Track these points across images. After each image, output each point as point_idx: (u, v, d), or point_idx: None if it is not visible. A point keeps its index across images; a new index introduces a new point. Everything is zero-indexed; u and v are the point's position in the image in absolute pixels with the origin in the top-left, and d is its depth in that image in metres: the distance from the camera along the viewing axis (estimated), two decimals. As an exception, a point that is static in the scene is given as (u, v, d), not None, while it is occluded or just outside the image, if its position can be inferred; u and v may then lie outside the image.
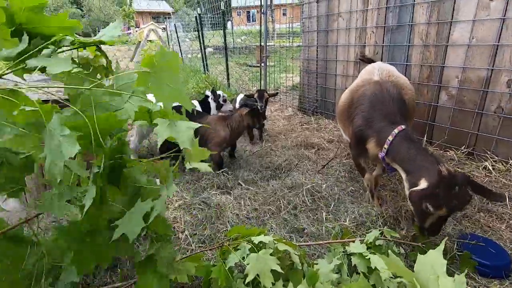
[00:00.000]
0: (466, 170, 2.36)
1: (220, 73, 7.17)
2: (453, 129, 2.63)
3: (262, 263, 1.03)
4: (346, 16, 3.38)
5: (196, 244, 1.59)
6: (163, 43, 12.50)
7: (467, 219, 1.82)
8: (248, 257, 1.08)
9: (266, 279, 0.99)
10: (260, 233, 1.22)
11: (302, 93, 4.31)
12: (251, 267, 1.03)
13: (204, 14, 7.29)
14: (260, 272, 1.01)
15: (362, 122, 1.83)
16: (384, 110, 1.76)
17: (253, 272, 1.02)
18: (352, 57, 3.43)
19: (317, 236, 1.67)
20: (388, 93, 1.83)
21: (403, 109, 1.85)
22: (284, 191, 2.07)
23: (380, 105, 1.80)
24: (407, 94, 2.01)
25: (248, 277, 1.00)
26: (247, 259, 1.08)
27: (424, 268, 0.77)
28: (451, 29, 2.51)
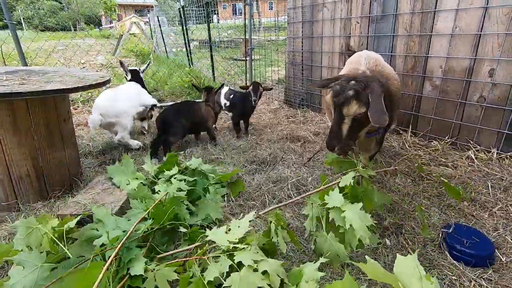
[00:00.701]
0: (450, 160, 2.37)
1: (206, 67, 7.02)
2: (437, 119, 2.64)
3: (246, 283, 0.95)
4: (331, 6, 3.32)
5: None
6: (147, 37, 12.15)
7: (451, 208, 1.82)
8: (230, 279, 0.97)
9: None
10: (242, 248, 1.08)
11: (288, 86, 4.26)
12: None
13: (188, 6, 7.09)
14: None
15: None
16: None
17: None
18: (337, 48, 3.39)
19: (302, 230, 1.62)
20: None
21: (386, 98, 1.82)
22: (269, 185, 2.02)
23: None
24: (392, 84, 1.97)
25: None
26: (229, 280, 0.97)
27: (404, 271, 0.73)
28: (434, 19, 2.49)
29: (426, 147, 2.61)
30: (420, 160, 2.40)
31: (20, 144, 1.64)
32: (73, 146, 1.95)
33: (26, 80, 1.68)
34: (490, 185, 2.00)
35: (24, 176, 1.70)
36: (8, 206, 1.70)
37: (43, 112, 1.68)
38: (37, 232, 1.18)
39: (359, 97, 1.36)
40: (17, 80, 1.65)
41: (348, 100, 1.36)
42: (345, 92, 1.37)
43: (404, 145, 2.68)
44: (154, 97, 4.91)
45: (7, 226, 1.50)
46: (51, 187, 1.81)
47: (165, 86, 5.45)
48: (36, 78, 1.76)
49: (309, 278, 0.96)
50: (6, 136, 1.60)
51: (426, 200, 1.90)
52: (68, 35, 17.58)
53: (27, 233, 1.18)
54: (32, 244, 1.17)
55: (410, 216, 1.73)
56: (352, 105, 1.36)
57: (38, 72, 1.97)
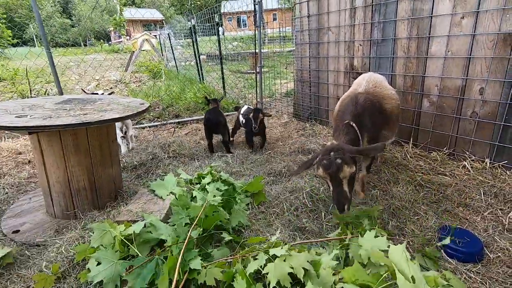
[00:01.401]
0: (448, 169, 2.63)
1: (216, 81, 7.40)
2: (435, 132, 2.91)
3: (279, 270, 1.24)
4: (335, 30, 3.66)
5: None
6: (157, 52, 12.69)
7: (447, 213, 2.08)
8: (267, 267, 1.26)
9: (285, 282, 1.21)
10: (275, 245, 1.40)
11: (297, 101, 4.58)
12: (272, 275, 1.22)
13: (198, 25, 7.52)
14: (280, 277, 1.22)
15: (335, 127, 2.20)
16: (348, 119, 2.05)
17: (274, 279, 1.21)
18: (342, 67, 3.71)
19: (318, 233, 1.90)
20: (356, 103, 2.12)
21: (379, 116, 2.16)
22: (286, 194, 2.31)
23: (347, 115, 2.08)
24: (389, 103, 2.28)
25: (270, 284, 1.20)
26: (265, 268, 1.26)
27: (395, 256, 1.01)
28: (429, 43, 2.80)
29: (426, 158, 2.88)
30: (420, 169, 2.67)
31: (80, 163, 1.97)
32: (117, 162, 2.27)
33: (84, 109, 2.02)
34: (482, 192, 2.26)
35: (81, 189, 2.03)
36: (68, 215, 2.02)
37: (98, 135, 2.02)
38: (109, 234, 1.49)
39: (346, 161, 1.67)
40: (78, 110, 1.99)
41: (341, 167, 1.65)
42: (334, 163, 1.66)
43: (406, 156, 2.95)
44: (170, 112, 5.31)
45: (76, 230, 1.81)
46: (101, 198, 2.13)
47: (179, 102, 5.80)
48: (91, 107, 2.10)
49: (326, 266, 1.25)
50: (70, 156, 1.93)
51: (425, 206, 2.16)
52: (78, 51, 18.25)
53: (100, 234, 1.49)
54: (105, 244, 1.48)
55: (411, 220, 2.00)
56: (345, 169, 1.65)
57: (88, 101, 2.32)
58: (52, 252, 1.66)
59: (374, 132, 2.12)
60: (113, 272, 1.38)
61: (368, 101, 2.14)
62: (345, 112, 2.11)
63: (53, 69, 3.70)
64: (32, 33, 30.06)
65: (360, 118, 2.05)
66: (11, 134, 4.05)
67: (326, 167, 1.68)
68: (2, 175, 2.77)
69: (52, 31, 32.74)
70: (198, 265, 1.32)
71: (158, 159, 3.08)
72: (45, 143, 1.88)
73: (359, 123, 2.01)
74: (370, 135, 2.08)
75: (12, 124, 1.60)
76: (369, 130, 2.07)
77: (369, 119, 2.08)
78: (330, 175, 1.69)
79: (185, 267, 1.32)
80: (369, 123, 2.07)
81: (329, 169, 1.67)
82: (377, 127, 2.17)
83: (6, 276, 1.56)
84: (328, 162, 1.67)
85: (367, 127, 2.05)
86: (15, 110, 1.96)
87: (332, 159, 1.67)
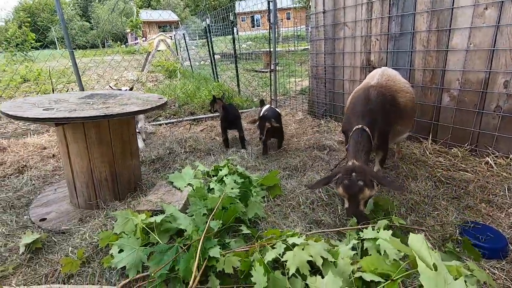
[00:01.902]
0: (469, 166, 2.55)
1: (230, 79, 7.46)
2: (456, 127, 2.83)
3: (298, 258, 1.25)
4: (352, 25, 3.61)
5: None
6: (172, 52, 12.91)
7: (469, 209, 2.02)
8: (286, 255, 1.28)
9: (304, 269, 1.23)
10: (293, 235, 1.42)
11: (312, 98, 4.55)
12: (291, 263, 1.24)
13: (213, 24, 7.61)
14: (299, 265, 1.23)
15: (344, 121, 2.18)
16: (359, 111, 2.04)
17: (294, 266, 1.23)
18: (358, 63, 3.66)
19: (334, 226, 1.89)
20: (368, 96, 2.09)
21: (392, 110, 2.12)
22: (302, 188, 2.31)
23: (359, 107, 2.07)
24: (403, 97, 2.24)
25: (290, 270, 1.21)
26: (284, 256, 1.28)
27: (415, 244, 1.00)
28: (450, 36, 2.72)
29: (446, 154, 2.80)
30: (440, 166, 2.60)
31: (102, 155, 2.05)
32: (137, 155, 2.34)
33: (106, 103, 2.09)
34: (507, 188, 2.18)
35: (103, 180, 2.10)
36: (91, 205, 2.10)
37: (119, 128, 2.09)
38: (131, 222, 1.54)
39: (367, 184, 1.67)
40: (100, 104, 2.07)
41: (362, 189, 1.66)
42: (356, 184, 1.66)
43: (425, 152, 2.88)
44: (186, 110, 5.40)
45: (99, 218, 1.89)
46: (122, 189, 2.20)
47: (194, 100, 5.89)
48: (112, 101, 2.17)
49: (344, 256, 1.24)
50: (93, 148, 2.00)
51: (445, 201, 2.11)
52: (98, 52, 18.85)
53: (123, 222, 1.54)
54: (128, 231, 1.53)
55: (430, 215, 1.95)
56: (365, 191, 1.66)
57: (110, 96, 2.40)
58: (77, 239, 1.73)
59: (386, 128, 2.08)
60: (135, 259, 1.43)
61: (380, 94, 2.12)
62: (357, 106, 2.09)
63: (75, 68, 3.85)
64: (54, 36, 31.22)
65: (372, 112, 2.02)
66: (36, 130, 4.24)
67: (347, 187, 1.69)
68: (29, 168, 2.91)
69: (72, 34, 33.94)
70: (217, 253, 1.34)
71: (175, 154, 3.15)
72: (70, 135, 1.96)
73: (371, 118, 1.99)
74: (381, 131, 2.04)
75: (41, 116, 1.69)
76: (381, 126, 2.03)
77: (381, 113, 2.04)
78: (349, 195, 1.70)
79: (205, 254, 1.34)
80: (381, 118, 2.04)
81: (350, 190, 1.68)
82: (389, 122, 2.13)
83: (35, 259, 1.64)
84: (350, 183, 1.68)
85: (379, 123, 2.02)
86: (42, 104, 2.06)
87: (354, 180, 1.68)
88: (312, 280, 1.19)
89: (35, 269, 1.57)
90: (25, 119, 1.69)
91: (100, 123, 1.97)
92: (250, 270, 1.32)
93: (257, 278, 1.22)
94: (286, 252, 1.27)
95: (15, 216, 2.03)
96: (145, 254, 1.45)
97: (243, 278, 1.38)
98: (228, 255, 1.41)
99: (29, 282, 1.49)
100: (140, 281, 1.45)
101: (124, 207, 2.01)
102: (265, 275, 1.22)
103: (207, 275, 1.39)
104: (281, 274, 1.26)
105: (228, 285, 1.40)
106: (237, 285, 1.40)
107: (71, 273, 1.51)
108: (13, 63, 9.27)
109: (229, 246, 1.54)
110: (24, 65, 9.28)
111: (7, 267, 1.55)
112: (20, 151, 3.38)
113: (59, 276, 1.51)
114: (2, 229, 1.85)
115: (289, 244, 1.30)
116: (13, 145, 3.53)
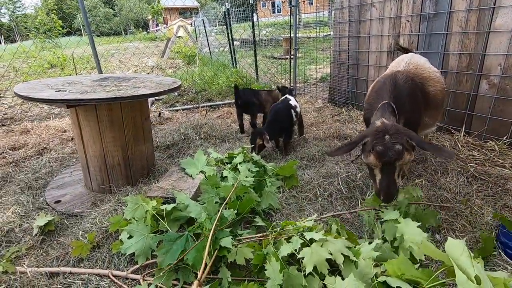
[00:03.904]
0: (508, 161, 2.31)
1: (249, 66, 7.30)
2: (494, 118, 2.56)
3: (316, 255, 1.14)
4: (380, 5, 3.34)
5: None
6: (191, 38, 12.83)
7: (507, 209, 1.82)
8: (303, 251, 1.17)
9: (323, 268, 1.12)
10: (311, 229, 1.30)
11: (333, 85, 4.33)
12: (308, 260, 1.13)
13: (232, 8, 7.41)
14: (317, 263, 1.13)
15: (366, 108, 1.96)
16: (384, 96, 1.77)
17: (311, 264, 1.12)
18: (385, 47, 3.40)
19: (352, 222, 1.76)
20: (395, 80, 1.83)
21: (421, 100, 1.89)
22: (320, 179, 2.17)
23: (384, 92, 1.81)
24: (433, 86, 2.02)
25: (307, 269, 1.11)
26: (301, 252, 1.17)
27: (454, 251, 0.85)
28: (493, 16, 2.42)
29: (481, 147, 2.56)
30: (474, 160, 2.37)
31: (115, 138, 2.01)
32: (150, 140, 2.29)
33: (119, 86, 2.03)
34: (552, 186, 1.95)
35: (116, 165, 2.07)
36: (103, 189, 2.09)
37: (131, 112, 2.03)
38: (142, 208, 1.49)
39: (406, 147, 1.40)
40: (113, 86, 2.01)
41: (401, 154, 1.38)
42: (394, 149, 1.39)
43: (457, 144, 2.65)
44: (203, 96, 5.34)
45: (110, 203, 1.87)
46: (134, 174, 2.17)
47: (212, 86, 5.81)
48: (125, 84, 2.12)
49: (366, 256, 1.12)
50: (105, 131, 1.97)
51: (480, 200, 1.91)
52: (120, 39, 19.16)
53: (133, 208, 1.50)
54: (138, 217, 1.49)
55: (462, 214, 1.77)
56: (405, 156, 1.39)
57: (123, 79, 2.35)
58: (88, 223, 1.72)
59: (414, 117, 1.84)
60: (144, 245, 1.38)
61: (409, 80, 1.88)
62: (381, 91, 1.83)
63: (94, 51, 3.85)
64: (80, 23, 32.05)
65: (399, 98, 1.75)
66: (59, 114, 4.33)
67: (382, 154, 1.38)
68: (49, 150, 2.96)
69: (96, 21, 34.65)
70: (229, 243, 1.26)
71: (190, 140, 3.09)
72: (83, 118, 1.93)
73: (398, 105, 1.72)
74: (406, 120, 1.78)
75: (52, 97, 1.65)
76: (408, 115, 1.78)
77: (409, 102, 1.80)
78: (385, 162, 1.41)
79: (216, 244, 1.27)
80: (409, 106, 1.79)
81: (386, 156, 1.39)
82: (418, 112, 1.89)
83: (47, 241, 1.65)
84: (384, 148, 1.39)
85: (406, 110, 1.76)
86: (56, 85, 2.03)
87: (389, 144, 1.39)
88: (331, 280, 1.08)
89: (47, 251, 1.57)
90: (37, 100, 1.66)
91: (112, 106, 1.93)
92: (264, 263, 1.24)
93: (272, 274, 1.13)
94: (303, 248, 1.17)
95: (32, 197, 2.06)
96: (154, 241, 1.40)
97: (256, 272, 1.30)
98: (241, 246, 1.33)
99: (41, 264, 1.48)
100: (148, 268, 1.41)
101: (136, 193, 1.98)
102: (281, 271, 1.13)
103: (217, 266, 1.32)
104: (296, 270, 1.16)
105: (239, 277, 1.33)
106: (248, 278, 1.32)
107: (81, 257, 1.50)
108: (42, 50, 9.55)
109: (241, 237, 1.46)
110: (52, 51, 9.54)
111: (20, 248, 1.56)
112: (42, 134, 3.46)
113: (69, 259, 1.50)
114: (18, 210, 1.88)
115: (307, 239, 1.19)
116: (36, 127, 3.62)
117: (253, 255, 1.29)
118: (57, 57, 9.03)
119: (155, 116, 4.03)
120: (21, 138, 3.26)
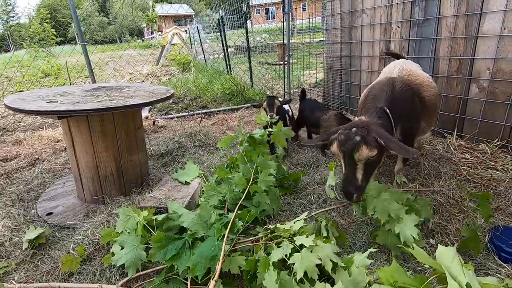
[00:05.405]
0: (499, 163, 2.33)
1: (243, 72, 7.33)
2: (485, 121, 2.59)
3: (306, 261, 1.14)
4: (370, 12, 3.39)
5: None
6: (186, 46, 12.89)
7: (500, 211, 1.83)
8: (293, 257, 1.17)
9: (313, 274, 1.12)
10: (302, 233, 1.29)
11: (326, 90, 4.36)
12: (298, 266, 1.13)
13: (225, 15, 7.47)
14: (307, 269, 1.12)
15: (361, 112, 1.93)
16: (382, 103, 1.75)
17: (301, 270, 1.12)
18: (377, 52, 3.44)
19: (347, 228, 1.76)
20: (393, 86, 1.84)
21: (418, 106, 1.91)
22: (314, 185, 2.17)
23: (381, 98, 1.80)
24: (428, 91, 2.04)
25: (297, 275, 1.11)
26: (291, 258, 1.17)
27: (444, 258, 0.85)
28: (481, 21, 2.47)
29: (473, 150, 2.58)
30: (466, 163, 2.39)
31: (107, 149, 1.99)
32: (143, 150, 2.28)
33: (111, 96, 2.03)
34: (544, 189, 1.96)
35: (108, 175, 2.06)
36: (96, 199, 2.07)
37: (124, 121, 2.02)
38: (133, 219, 1.48)
39: (367, 141, 1.38)
40: (105, 96, 2.01)
41: (358, 146, 1.37)
42: (352, 139, 1.38)
43: (449, 148, 2.67)
44: (198, 104, 5.34)
45: (103, 215, 1.84)
46: (127, 184, 2.15)
47: (206, 93, 5.82)
48: (118, 94, 2.11)
49: (359, 264, 1.12)
50: (97, 142, 1.95)
51: (473, 203, 1.92)
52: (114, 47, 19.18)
53: (125, 220, 1.48)
54: (129, 228, 1.47)
55: (455, 218, 1.78)
56: (362, 149, 1.36)
57: (116, 88, 2.34)
58: (80, 235, 1.69)
59: (411, 123, 1.86)
60: (134, 256, 1.36)
61: (406, 86, 1.90)
62: (377, 97, 1.83)
63: (87, 60, 3.85)
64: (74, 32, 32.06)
65: (395, 105, 1.75)
66: (53, 123, 4.30)
67: (341, 142, 1.40)
68: (41, 161, 2.93)
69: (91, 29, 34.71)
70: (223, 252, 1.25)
71: (184, 148, 3.08)
72: (75, 129, 1.92)
73: (394, 111, 1.71)
74: (405, 126, 1.80)
75: (42, 108, 1.64)
76: (404, 120, 1.79)
77: (406, 108, 1.81)
78: (343, 152, 1.41)
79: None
80: (406, 112, 1.80)
81: (344, 145, 1.39)
82: (415, 118, 1.90)
83: (38, 255, 1.62)
84: (345, 137, 1.40)
85: (402, 116, 1.76)
86: (47, 96, 2.02)
87: (351, 134, 1.40)
88: (320, 286, 1.08)
89: (37, 266, 1.54)
90: (27, 112, 1.65)
91: (104, 116, 1.92)
92: (255, 270, 1.23)
93: (269, 283, 1.12)
94: (294, 254, 1.16)
95: (23, 210, 2.03)
96: (145, 251, 1.39)
97: (248, 280, 1.28)
98: (234, 254, 1.32)
99: (31, 279, 1.46)
100: (140, 280, 1.39)
101: (129, 203, 1.96)
102: (277, 281, 1.12)
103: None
104: (287, 275, 1.16)
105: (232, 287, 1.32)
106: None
107: (71, 271, 1.47)
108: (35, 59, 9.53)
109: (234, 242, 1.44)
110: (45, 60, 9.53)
111: (10, 263, 1.53)
112: (35, 144, 3.43)
113: (59, 274, 1.47)
114: (9, 223, 1.85)
115: (297, 245, 1.19)
116: (29, 138, 3.59)
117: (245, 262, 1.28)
118: (50, 66, 9.01)
119: (150, 125, 4.02)
120: (13, 149, 3.23)
